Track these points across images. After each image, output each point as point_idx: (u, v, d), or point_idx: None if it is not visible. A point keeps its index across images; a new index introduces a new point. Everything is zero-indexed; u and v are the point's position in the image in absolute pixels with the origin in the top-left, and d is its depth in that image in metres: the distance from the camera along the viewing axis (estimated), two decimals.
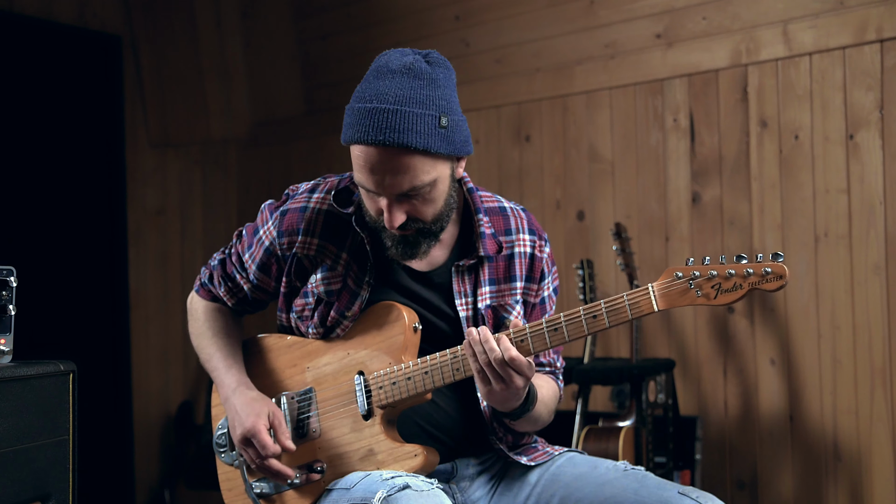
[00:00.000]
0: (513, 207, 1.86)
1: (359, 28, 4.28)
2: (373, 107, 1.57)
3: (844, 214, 2.96)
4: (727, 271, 1.45)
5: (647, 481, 1.64)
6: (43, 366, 1.62)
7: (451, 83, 1.65)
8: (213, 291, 1.93)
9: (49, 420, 1.62)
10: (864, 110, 2.92)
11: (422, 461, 1.65)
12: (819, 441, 3.01)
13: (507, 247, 1.80)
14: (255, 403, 1.76)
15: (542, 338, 1.57)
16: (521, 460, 1.77)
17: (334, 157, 4.34)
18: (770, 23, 3.11)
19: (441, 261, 1.79)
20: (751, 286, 1.43)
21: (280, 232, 1.78)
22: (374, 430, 1.70)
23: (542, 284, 1.84)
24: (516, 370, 1.56)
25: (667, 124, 3.35)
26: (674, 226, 3.33)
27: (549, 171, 3.65)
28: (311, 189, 1.82)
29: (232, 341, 1.89)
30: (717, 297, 1.47)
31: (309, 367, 1.81)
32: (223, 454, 1.86)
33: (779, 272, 1.42)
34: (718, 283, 1.46)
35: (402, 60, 1.61)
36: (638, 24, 3.41)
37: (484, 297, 1.77)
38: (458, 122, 1.63)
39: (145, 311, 4.37)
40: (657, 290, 1.51)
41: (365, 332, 1.74)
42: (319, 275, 1.77)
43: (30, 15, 3.99)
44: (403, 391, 1.67)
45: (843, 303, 2.96)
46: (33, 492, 1.58)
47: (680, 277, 1.49)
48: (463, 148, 1.64)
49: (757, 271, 1.43)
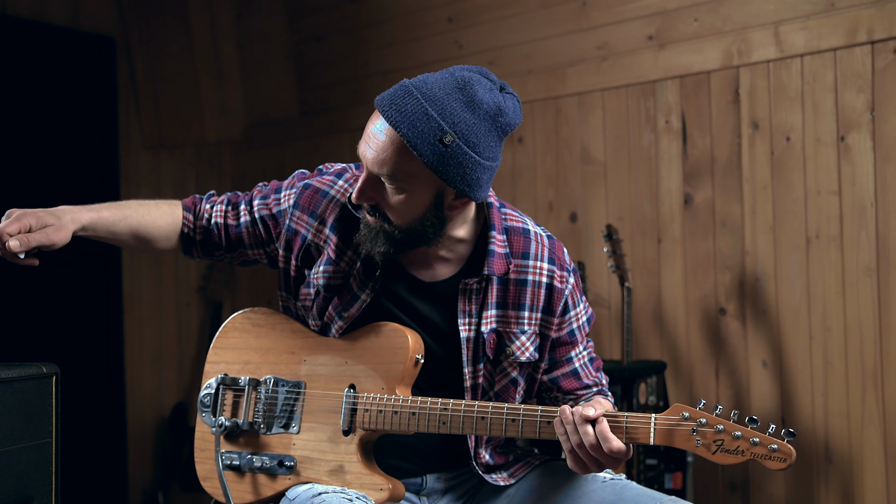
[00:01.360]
0: (539, 233, 1.77)
1: (353, 29, 4.28)
2: (408, 85, 1.55)
3: (836, 216, 2.96)
4: (735, 432, 1.42)
5: (625, 493, 1.60)
6: (25, 368, 1.62)
7: (492, 122, 1.55)
8: (199, 204, 1.87)
9: (31, 423, 1.62)
10: (856, 112, 2.92)
11: (386, 496, 1.64)
12: (810, 443, 3.00)
13: (520, 271, 1.71)
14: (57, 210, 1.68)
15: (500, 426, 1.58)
16: (497, 482, 1.74)
17: (329, 158, 4.32)
18: (761, 24, 3.11)
19: (447, 275, 1.73)
20: (753, 457, 1.40)
21: (296, 203, 1.76)
22: (349, 448, 1.69)
23: (567, 317, 1.75)
24: (616, 459, 1.50)
25: (659, 126, 3.35)
26: (666, 227, 3.33)
27: (542, 172, 3.64)
28: (338, 173, 1.79)
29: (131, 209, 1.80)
30: (715, 454, 1.43)
31: (306, 360, 1.78)
32: (205, 415, 1.83)
33: (785, 454, 1.39)
34: (722, 439, 1.43)
35: (466, 73, 1.57)
36: (630, 25, 3.41)
37: (489, 320, 1.70)
38: (467, 155, 1.53)
39: (139, 314, 4.37)
40: (659, 423, 1.48)
41: (368, 347, 1.72)
42: (321, 267, 1.74)
43: (23, 17, 3.99)
44: (387, 423, 1.65)
45: (835, 304, 2.96)
46: (15, 494, 1.58)
47: (686, 419, 1.46)
48: (457, 181, 1.55)
49: (764, 443, 1.40)
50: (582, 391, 1.80)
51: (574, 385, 1.79)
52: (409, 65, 4.02)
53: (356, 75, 4.26)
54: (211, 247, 1.87)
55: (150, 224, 1.82)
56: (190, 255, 1.90)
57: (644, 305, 3.35)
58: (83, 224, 1.72)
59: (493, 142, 1.56)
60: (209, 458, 1.83)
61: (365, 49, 4.23)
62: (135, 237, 1.81)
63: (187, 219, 1.86)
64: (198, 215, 1.86)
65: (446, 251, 1.71)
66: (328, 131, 4.38)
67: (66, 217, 1.68)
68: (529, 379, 1.77)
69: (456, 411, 1.61)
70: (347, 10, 4.30)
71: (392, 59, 4.11)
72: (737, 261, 3.16)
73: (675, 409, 1.47)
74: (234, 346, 1.86)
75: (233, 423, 1.78)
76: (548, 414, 1.56)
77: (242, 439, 1.79)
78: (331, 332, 1.76)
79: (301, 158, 4.46)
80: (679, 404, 1.47)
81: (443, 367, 1.72)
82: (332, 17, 4.37)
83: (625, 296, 3.06)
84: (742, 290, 3.15)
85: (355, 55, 4.27)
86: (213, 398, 1.82)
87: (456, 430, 1.62)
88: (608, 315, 3.43)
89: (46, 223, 1.64)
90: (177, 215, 1.85)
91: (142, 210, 1.81)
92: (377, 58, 4.17)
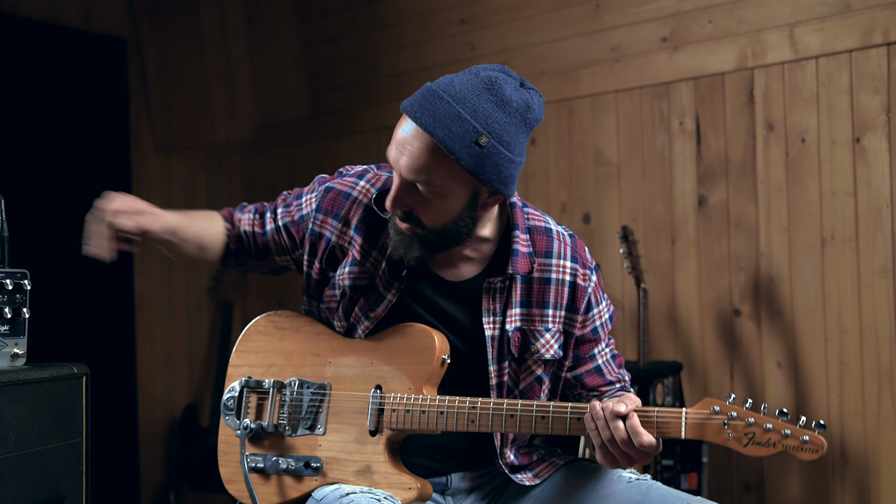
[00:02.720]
0: (560, 231, 1.78)
1: (364, 31, 4.29)
2: (436, 89, 1.55)
3: (851, 217, 2.97)
4: (766, 424, 1.42)
5: (651, 493, 1.60)
6: (57, 368, 1.63)
7: (522, 119, 1.57)
8: (234, 214, 1.91)
9: (63, 423, 1.63)
10: (871, 113, 2.93)
11: (414, 496, 1.64)
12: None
13: (543, 269, 1.73)
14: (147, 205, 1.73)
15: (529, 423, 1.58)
16: (522, 482, 1.74)
17: (339, 160, 4.34)
18: (776, 26, 3.11)
19: (472, 274, 1.74)
20: (785, 448, 1.41)
21: (319, 206, 1.77)
22: (377, 448, 1.69)
23: (590, 315, 1.76)
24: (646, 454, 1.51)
25: (673, 127, 3.36)
26: (680, 229, 3.34)
27: (555, 174, 3.65)
28: (359, 175, 1.79)
29: (190, 218, 1.85)
30: (746, 447, 1.44)
31: (331, 361, 1.78)
32: (228, 417, 1.83)
33: (817, 445, 1.40)
34: (753, 432, 1.43)
35: (491, 72, 1.58)
36: (644, 27, 3.42)
37: (514, 318, 1.71)
38: (501, 154, 1.55)
39: (150, 314, 4.38)
40: (690, 417, 1.48)
41: (394, 348, 1.72)
42: (346, 268, 1.75)
43: (36, 18, 4.00)
44: (415, 423, 1.65)
45: (850, 305, 2.97)
46: (47, 494, 1.59)
47: (717, 413, 1.46)
48: (493, 180, 1.56)
49: (795, 435, 1.41)
50: (605, 388, 1.81)
51: (598, 382, 1.80)
52: (421, 66, 4.03)
53: (367, 77, 4.27)
54: (243, 256, 1.90)
55: (208, 232, 1.87)
56: (224, 266, 1.93)
57: (658, 306, 3.35)
58: (171, 225, 1.78)
59: (523, 138, 1.59)
60: (233, 461, 1.83)
61: (376, 51, 4.24)
62: (198, 246, 1.86)
63: (227, 228, 1.89)
64: (234, 225, 1.89)
65: (471, 250, 1.72)
66: (339, 133, 4.38)
67: (157, 211, 1.73)
68: (554, 377, 1.78)
69: (485, 410, 1.61)
70: (359, 13, 4.30)
71: (404, 61, 4.11)
72: (751, 262, 3.17)
73: (706, 404, 1.47)
74: (257, 350, 1.86)
75: (258, 425, 1.79)
76: (577, 410, 1.57)
77: (267, 442, 1.79)
78: (357, 332, 1.76)
79: (311, 160, 4.47)
80: (709, 398, 1.48)
81: (468, 365, 1.73)
82: (344, 19, 4.38)
83: (641, 297, 3.07)
84: (757, 291, 3.15)
85: (367, 57, 4.27)
86: (236, 401, 1.83)
87: (485, 428, 1.62)
88: (622, 316, 3.44)
89: (142, 210, 1.69)
90: (221, 225, 1.89)
91: (198, 219, 1.85)
92: (389, 59, 4.18)
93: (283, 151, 4.62)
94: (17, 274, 1.61)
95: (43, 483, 1.57)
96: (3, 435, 1.48)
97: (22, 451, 1.53)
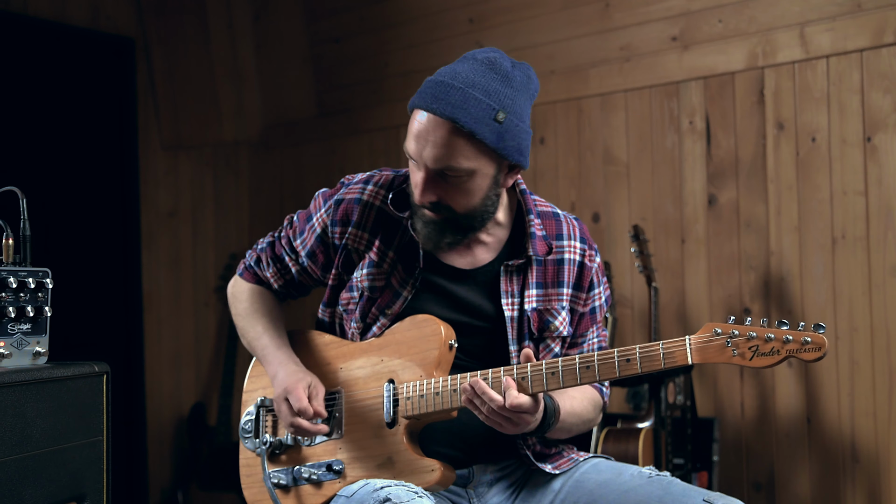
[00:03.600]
0: (566, 215, 1.86)
1: (371, 31, 4.29)
2: (441, 80, 1.62)
3: (862, 216, 2.97)
4: (766, 335, 1.46)
5: (672, 488, 1.63)
6: (78, 367, 1.63)
7: (527, 91, 1.66)
8: (258, 274, 1.94)
9: (84, 421, 1.63)
10: (882, 112, 2.93)
11: (438, 476, 1.66)
12: (836, 443, 3.01)
13: (557, 251, 1.79)
14: (302, 373, 1.79)
15: (573, 374, 1.58)
16: (545, 468, 1.76)
17: (347, 159, 4.35)
18: (787, 25, 3.12)
19: (487, 260, 1.79)
20: (788, 353, 1.44)
21: (334, 220, 1.80)
22: (395, 439, 1.71)
23: (592, 294, 1.83)
24: (523, 412, 1.57)
25: (682, 127, 3.36)
26: (689, 228, 3.34)
27: (564, 173, 3.65)
28: (365, 181, 1.83)
29: (278, 323, 1.92)
30: (752, 360, 1.47)
31: (342, 367, 1.82)
32: (247, 440, 1.87)
33: (818, 343, 1.43)
34: (756, 345, 1.46)
35: (487, 54, 1.65)
36: (653, 26, 3.42)
37: (531, 299, 1.76)
38: (518, 127, 1.63)
39: (158, 313, 4.38)
40: (693, 343, 1.51)
41: (401, 341, 1.75)
42: (365, 269, 1.78)
43: (44, 17, 4.00)
44: (430, 405, 1.68)
45: (861, 304, 2.97)
46: (69, 492, 1.59)
47: (719, 334, 1.49)
48: (514, 153, 1.64)
49: (796, 339, 1.44)
50: None
51: None
52: (428, 66, 4.02)
53: (375, 76, 4.27)
54: (291, 297, 1.99)
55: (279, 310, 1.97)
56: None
57: (668, 305, 3.36)
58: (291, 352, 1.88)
59: (529, 108, 1.68)
60: (255, 482, 1.86)
61: (384, 50, 4.24)
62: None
63: (268, 290, 1.96)
64: (268, 285, 1.95)
65: (486, 235, 1.78)
66: (346, 132, 4.38)
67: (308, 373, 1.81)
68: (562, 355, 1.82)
69: (496, 378, 1.62)
70: (367, 12, 4.30)
71: (412, 60, 4.11)
72: (762, 261, 3.17)
73: (707, 328, 1.51)
74: None
75: (276, 440, 1.83)
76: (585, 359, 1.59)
77: (285, 456, 1.83)
78: (372, 331, 1.79)
79: (319, 159, 4.47)
80: (710, 323, 1.51)
81: (489, 348, 1.76)
82: (351, 19, 4.37)
83: (652, 296, 3.07)
84: (767, 291, 3.16)
85: (374, 56, 4.27)
86: (253, 423, 1.88)
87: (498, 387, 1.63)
88: (631, 315, 3.44)
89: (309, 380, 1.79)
90: (270, 296, 1.96)
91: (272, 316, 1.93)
92: (397, 59, 4.18)
93: (291, 150, 4.62)
94: (38, 272, 1.61)
95: (65, 481, 1.57)
96: (27, 433, 1.49)
97: (45, 449, 1.53)
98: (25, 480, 1.48)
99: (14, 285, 1.55)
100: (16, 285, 1.56)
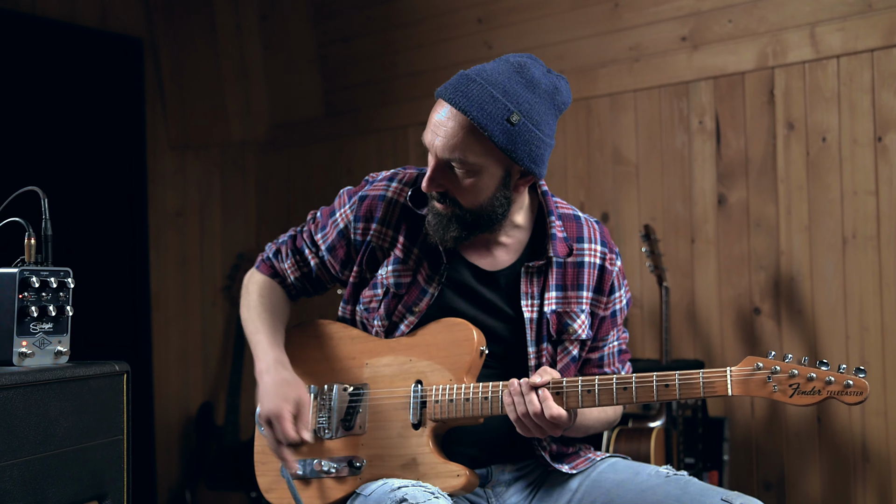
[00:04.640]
0: (587, 218, 1.87)
1: (379, 31, 4.29)
2: (468, 74, 1.65)
3: (873, 216, 2.98)
4: (809, 374, 1.47)
5: (689, 487, 1.64)
6: (99, 366, 1.64)
7: (551, 101, 1.65)
8: (276, 266, 1.94)
9: (105, 420, 1.64)
10: (893, 112, 2.94)
11: (463, 482, 1.66)
12: (847, 442, 3.02)
13: (578, 253, 1.79)
14: (287, 386, 1.75)
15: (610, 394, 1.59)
16: (562, 468, 1.77)
17: (354, 159, 4.35)
18: (797, 25, 3.12)
19: (509, 262, 1.79)
20: (829, 394, 1.45)
21: (357, 216, 1.81)
22: (420, 440, 1.71)
23: (612, 298, 1.83)
24: (557, 425, 1.59)
25: (692, 126, 3.37)
26: (699, 228, 3.34)
27: (573, 173, 3.66)
28: (389, 178, 1.83)
29: (278, 321, 1.90)
30: (793, 397, 1.48)
31: (368, 363, 1.81)
32: (264, 429, 1.85)
33: (860, 388, 1.44)
34: (797, 383, 1.47)
35: (520, 58, 1.67)
36: (663, 26, 3.42)
37: (550, 301, 1.76)
38: (532, 133, 1.63)
39: (165, 313, 4.38)
40: (735, 375, 1.52)
41: (432, 342, 1.75)
42: (390, 266, 1.78)
43: (52, 18, 4.00)
44: (459, 411, 1.68)
45: (872, 304, 2.98)
46: (91, 491, 1.59)
47: (760, 368, 1.50)
48: (525, 159, 1.64)
49: (838, 381, 1.45)
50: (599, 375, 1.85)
51: (594, 372, 1.84)
52: (437, 66, 4.03)
53: (383, 76, 4.27)
54: (304, 295, 1.98)
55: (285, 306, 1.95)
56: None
57: (677, 305, 3.36)
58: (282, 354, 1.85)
59: (552, 120, 1.67)
60: (270, 470, 1.84)
61: (392, 50, 4.24)
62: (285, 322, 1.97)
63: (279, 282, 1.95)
64: (284, 278, 1.94)
65: (506, 237, 1.79)
66: (354, 132, 4.38)
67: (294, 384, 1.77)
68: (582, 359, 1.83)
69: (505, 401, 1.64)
70: (374, 12, 4.31)
71: (420, 61, 4.12)
72: (772, 261, 3.17)
73: (748, 361, 1.52)
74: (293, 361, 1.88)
75: None
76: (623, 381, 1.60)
77: (306, 448, 1.80)
78: (399, 329, 1.79)
79: (326, 159, 4.48)
80: (751, 356, 1.52)
81: (508, 349, 1.77)
82: (359, 19, 4.38)
83: (663, 295, 3.08)
84: (777, 290, 3.16)
85: (382, 56, 4.28)
86: None
87: None
88: (641, 315, 3.45)
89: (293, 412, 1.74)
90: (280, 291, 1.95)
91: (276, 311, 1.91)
92: (405, 59, 4.19)
93: (298, 150, 4.62)
94: (60, 272, 1.62)
95: (87, 479, 1.58)
96: (50, 431, 1.49)
97: (67, 448, 1.53)
98: (49, 479, 1.48)
99: (36, 285, 1.56)
100: (38, 285, 1.56)
